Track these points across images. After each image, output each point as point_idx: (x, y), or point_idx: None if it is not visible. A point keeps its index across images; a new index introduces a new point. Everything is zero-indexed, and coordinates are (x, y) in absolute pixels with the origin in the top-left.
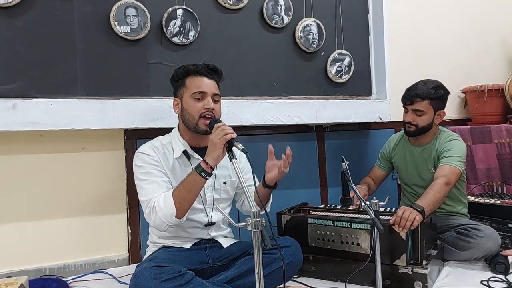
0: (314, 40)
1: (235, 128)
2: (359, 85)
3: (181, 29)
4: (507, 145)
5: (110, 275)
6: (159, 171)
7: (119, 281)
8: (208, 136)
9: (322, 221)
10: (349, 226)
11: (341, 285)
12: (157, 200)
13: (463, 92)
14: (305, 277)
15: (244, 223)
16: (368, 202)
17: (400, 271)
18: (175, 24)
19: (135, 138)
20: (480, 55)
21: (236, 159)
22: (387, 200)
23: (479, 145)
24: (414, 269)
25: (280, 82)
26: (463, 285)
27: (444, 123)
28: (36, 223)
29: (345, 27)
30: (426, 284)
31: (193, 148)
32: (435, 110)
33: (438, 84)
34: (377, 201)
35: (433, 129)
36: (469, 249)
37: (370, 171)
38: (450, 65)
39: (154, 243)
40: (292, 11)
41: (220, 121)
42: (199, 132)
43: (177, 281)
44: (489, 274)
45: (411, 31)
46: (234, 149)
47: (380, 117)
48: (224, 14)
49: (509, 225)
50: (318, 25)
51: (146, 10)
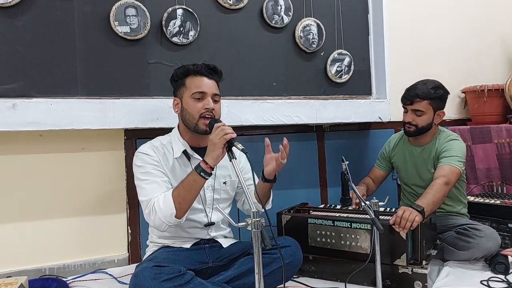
0: (314, 40)
1: (235, 128)
2: (359, 85)
3: (181, 29)
4: (507, 145)
5: (110, 275)
6: (159, 171)
7: (119, 281)
8: (208, 136)
9: (322, 221)
10: (349, 226)
11: (341, 285)
12: (157, 200)
13: (463, 92)
14: (305, 277)
15: (244, 223)
16: (368, 202)
17: (400, 271)
18: (175, 24)
19: (135, 138)
20: (480, 55)
21: (236, 159)
22: (387, 200)
23: (479, 145)
24: (414, 269)
25: (280, 82)
26: (463, 285)
27: (444, 123)
28: (36, 223)
29: (345, 27)
30: (426, 284)
31: (193, 148)
32: (435, 110)
33: (437, 84)
34: (377, 201)
35: (432, 129)
36: (469, 249)
37: (370, 171)
38: (450, 65)
39: (154, 243)
40: (292, 11)
41: (220, 121)
42: (199, 132)
43: (177, 281)
44: (489, 274)
45: (411, 31)
46: (234, 149)
47: (380, 117)
48: (224, 14)
49: (509, 225)
50: (318, 25)
51: (146, 10)
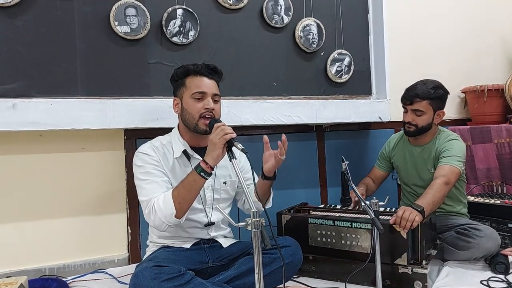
0: (314, 40)
1: (235, 128)
2: (359, 85)
3: (181, 29)
4: (507, 145)
5: (110, 275)
6: (159, 171)
7: (119, 281)
8: (208, 136)
9: (323, 221)
10: (349, 226)
11: (341, 285)
12: (157, 200)
13: (463, 92)
14: (305, 277)
15: (244, 223)
16: (368, 202)
17: (400, 271)
18: (175, 24)
19: (135, 138)
20: (480, 55)
21: (236, 159)
22: (387, 200)
23: (479, 145)
24: (414, 269)
25: (280, 82)
26: (463, 285)
27: (444, 123)
28: (36, 223)
29: (345, 27)
30: (426, 284)
31: (193, 148)
32: (435, 110)
33: (437, 84)
34: (377, 201)
35: (432, 129)
36: (469, 249)
37: (370, 171)
38: (450, 65)
39: (154, 243)
40: (292, 11)
41: (220, 121)
42: (199, 132)
43: (176, 281)
44: (489, 274)
45: (411, 31)
46: (234, 149)
47: (380, 117)
48: (224, 14)
49: (509, 225)
50: (318, 25)
51: (146, 10)
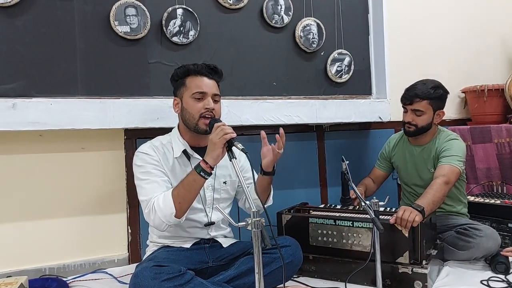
0: (314, 39)
1: (235, 128)
2: (359, 85)
3: (181, 28)
4: (507, 145)
5: (110, 275)
6: (159, 170)
7: (119, 281)
8: (208, 136)
9: (324, 220)
10: (351, 225)
11: (341, 284)
12: (157, 199)
13: (463, 92)
14: (305, 276)
15: (244, 223)
16: (368, 202)
17: (400, 270)
18: (175, 23)
19: (135, 137)
20: (480, 55)
21: (236, 158)
22: (387, 200)
23: (479, 145)
24: (414, 269)
25: (280, 82)
26: (463, 285)
27: (444, 123)
28: (36, 223)
29: (345, 27)
30: (426, 283)
31: (193, 148)
32: (435, 110)
33: (437, 84)
34: (377, 201)
35: (432, 129)
36: (469, 249)
37: (370, 171)
38: (450, 65)
39: (154, 242)
40: (292, 11)
41: (220, 121)
42: (199, 132)
43: (177, 281)
44: (489, 274)
45: (411, 31)
46: (233, 148)
47: (380, 117)
48: (224, 13)
49: (509, 225)
50: (318, 25)
51: (146, 10)
